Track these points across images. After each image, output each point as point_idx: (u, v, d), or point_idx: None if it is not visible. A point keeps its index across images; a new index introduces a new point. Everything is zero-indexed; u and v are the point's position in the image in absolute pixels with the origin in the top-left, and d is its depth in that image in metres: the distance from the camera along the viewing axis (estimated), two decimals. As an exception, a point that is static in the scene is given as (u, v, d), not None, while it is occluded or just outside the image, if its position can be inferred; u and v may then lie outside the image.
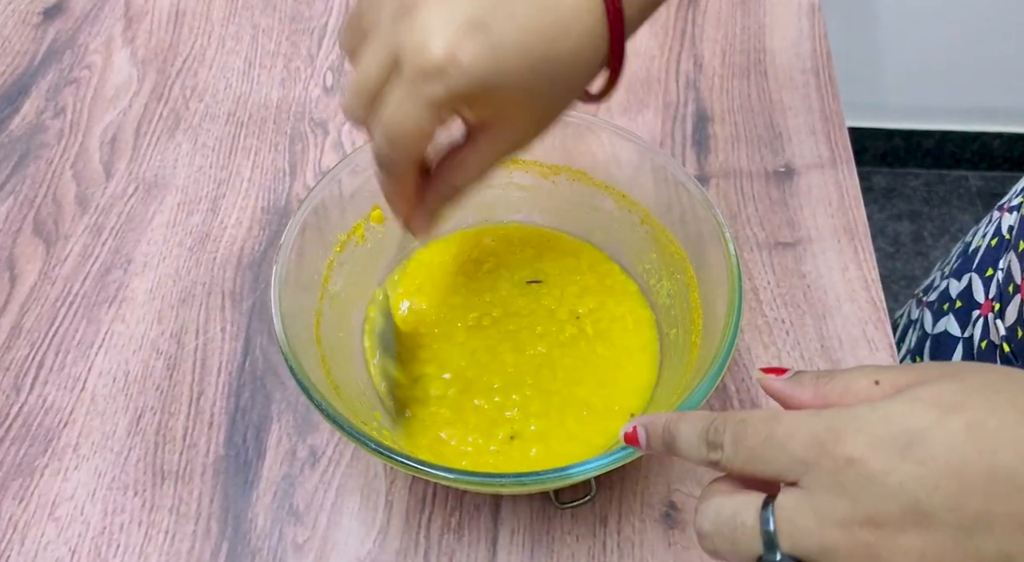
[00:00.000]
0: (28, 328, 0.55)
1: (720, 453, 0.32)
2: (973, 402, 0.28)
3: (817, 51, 0.71)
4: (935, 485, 0.27)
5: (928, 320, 0.63)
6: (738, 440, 0.31)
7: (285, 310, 0.44)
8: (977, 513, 0.27)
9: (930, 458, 0.27)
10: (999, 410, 0.28)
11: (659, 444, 0.35)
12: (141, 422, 0.51)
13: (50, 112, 0.68)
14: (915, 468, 0.27)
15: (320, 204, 0.49)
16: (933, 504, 0.27)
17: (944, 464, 0.27)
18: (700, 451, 0.33)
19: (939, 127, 1.70)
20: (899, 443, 0.28)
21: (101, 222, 0.61)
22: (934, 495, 0.27)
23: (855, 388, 0.32)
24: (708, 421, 0.33)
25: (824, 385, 0.33)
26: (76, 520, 0.48)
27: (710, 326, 0.44)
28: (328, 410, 0.40)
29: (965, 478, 0.27)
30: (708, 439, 0.32)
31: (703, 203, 0.48)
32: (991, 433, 0.27)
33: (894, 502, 0.27)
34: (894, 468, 0.27)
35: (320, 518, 0.47)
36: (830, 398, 0.32)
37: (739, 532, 0.30)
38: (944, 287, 0.62)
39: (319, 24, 0.74)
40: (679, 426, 0.34)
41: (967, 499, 0.27)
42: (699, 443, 0.33)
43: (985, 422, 0.27)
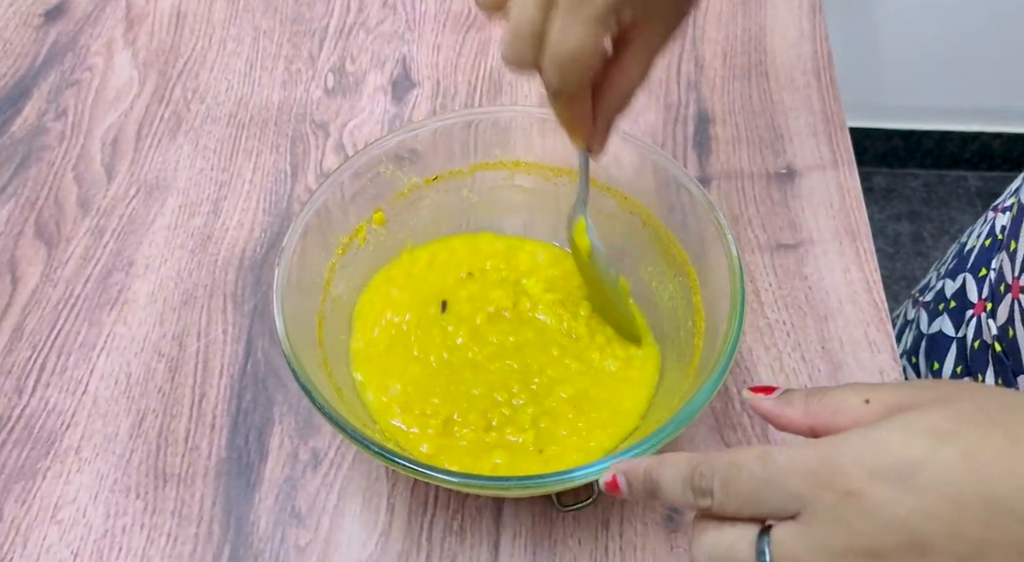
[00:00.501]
0: (30, 331, 0.55)
1: (710, 500, 0.31)
2: (966, 430, 0.28)
3: (818, 52, 0.71)
4: (934, 515, 0.27)
5: (924, 320, 0.63)
6: (729, 485, 0.31)
7: (288, 313, 0.44)
8: (975, 543, 0.27)
9: (927, 488, 0.27)
10: (992, 438, 0.28)
11: (641, 492, 0.35)
12: (143, 425, 0.51)
13: (51, 114, 0.68)
14: (914, 499, 0.27)
15: (322, 207, 0.49)
16: (932, 535, 0.27)
17: (941, 495, 0.27)
18: (686, 497, 0.32)
19: (939, 127, 1.70)
20: (896, 473, 0.28)
21: (103, 224, 0.61)
22: (933, 525, 0.27)
23: (845, 406, 0.31)
24: (691, 465, 0.32)
25: (814, 404, 0.32)
26: (78, 523, 0.47)
27: (712, 328, 0.44)
28: (331, 413, 0.40)
29: (963, 508, 0.27)
30: (694, 485, 0.32)
31: (705, 205, 0.48)
32: (986, 463, 0.27)
33: (894, 534, 0.27)
34: (893, 499, 0.28)
35: (322, 521, 0.47)
36: (820, 417, 0.32)
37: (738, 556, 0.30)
38: (939, 287, 0.62)
39: (320, 26, 0.74)
40: (661, 472, 0.34)
41: (965, 528, 0.27)
42: (684, 489, 0.32)
43: (980, 451, 0.28)
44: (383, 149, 0.52)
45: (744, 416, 0.51)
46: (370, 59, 0.71)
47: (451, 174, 0.55)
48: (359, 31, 0.74)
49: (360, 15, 0.75)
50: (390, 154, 0.53)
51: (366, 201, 0.52)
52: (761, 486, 0.30)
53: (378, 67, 0.71)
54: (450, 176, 0.55)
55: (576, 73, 0.38)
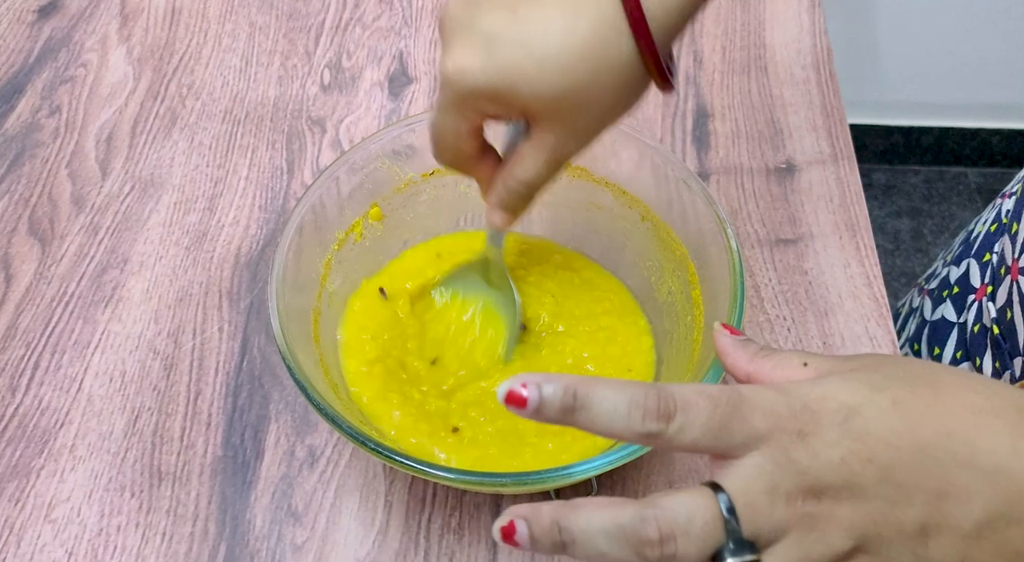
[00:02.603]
0: (24, 328, 0.55)
1: (666, 425, 0.29)
2: (895, 385, 0.30)
3: (817, 47, 0.71)
4: (869, 459, 0.29)
5: (928, 307, 0.63)
6: (694, 410, 0.29)
7: (283, 309, 0.43)
8: (902, 485, 0.29)
9: (865, 433, 0.29)
10: (918, 390, 0.30)
11: (556, 409, 0.29)
12: (138, 423, 0.51)
13: (45, 111, 0.67)
14: (852, 443, 0.29)
15: (318, 202, 0.49)
16: (866, 477, 0.29)
17: (877, 438, 0.29)
18: (631, 420, 0.29)
19: (938, 124, 1.70)
20: (838, 417, 0.29)
21: (97, 221, 0.60)
22: (868, 468, 0.29)
23: (785, 364, 0.34)
24: (641, 388, 0.29)
25: (761, 355, 0.35)
26: (73, 522, 0.47)
27: (712, 323, 0.44)
28: (327, 410, 0.40)
29: (895, 451, 0.29)
30: (648, 406, 0.29)
31: (704, 200, 0.47)
32: (914, 410, 0.30)
33: (836, 475, 0.29)
34: (834, 442, 0.29)
35: (319, 519, 0.47)
36: (761, 369, 0.34)
37: (700, 530, 0.28)
38: (944, 274, 0.62)
39: (316, 22, 0.74)
40: (595, 389, 0.29)
41: (895, 472, 0.29)
42: (631, 411, 0.29)
43: (908, 400, 0.30)
44: (379, 144, 0.52)
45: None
46: (367, 55, 0.71)
47: (448, 169, 0.54)
48: (355, 26, 0.73)
49: (356, 10, 0.74)
50: (386, 149, 0.52)
51: (362, 196, 0.52)
52: (730, 416, 0.29)
53: (375, 63, 0.70)
54: (447, 171, 0.54)
55: (442, 149, 0.43)
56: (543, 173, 0.42)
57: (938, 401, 0.30)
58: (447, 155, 0.44)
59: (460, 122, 0.41)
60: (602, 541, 0.28)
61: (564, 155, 0.42)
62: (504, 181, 0.43)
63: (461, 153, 0.43)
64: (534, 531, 0.29)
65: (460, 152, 0.43)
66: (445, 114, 0.41)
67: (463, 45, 0.39)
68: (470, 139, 0.42)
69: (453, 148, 0.43)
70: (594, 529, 0.28)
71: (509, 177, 0.43)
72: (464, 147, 0.43)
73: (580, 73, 0.38)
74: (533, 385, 0.29)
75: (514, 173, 0.43)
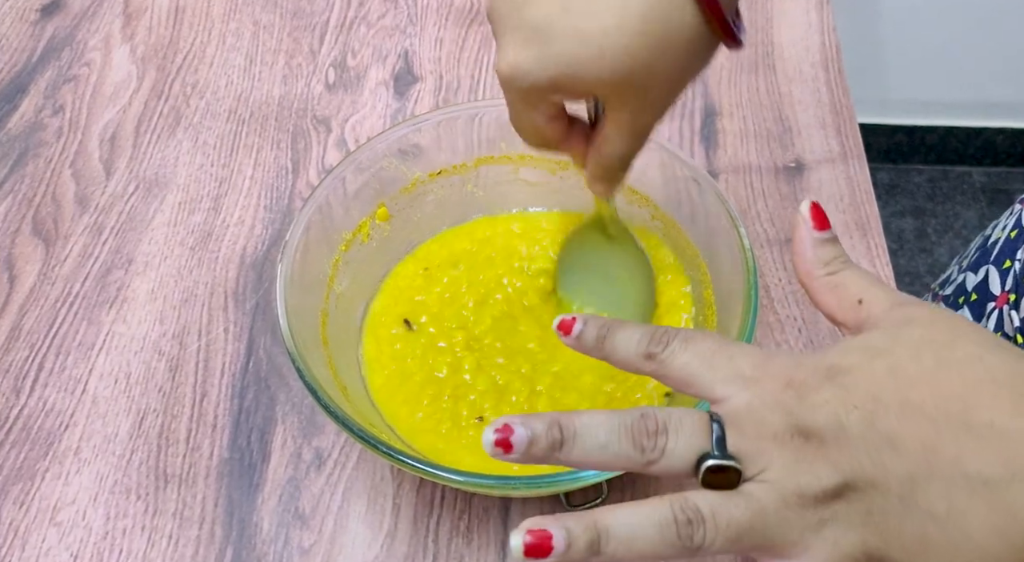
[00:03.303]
0: (28, 329, 0.54)
1: (664, 348, 0.33)
2: (898, 351, 0.31)
3: (826, 44, 0.70)
4: (854, 405, 0.30)
5: None
6: (689, 342, 0.33)
7: (291, 311, 0.43)
8: (887, 433, 0.29)
9: (852, 385, 0.30)
10: (921, 359, 0.30)
11: (592, 338, 0.35)
12: (143, 425, 0.50)
13: (49, 110, 0.67)
14: (839, 391, 0.30)
15: (324, 202, 0.48)
16: (850, 421, 0.29)
17: (863, 391, 0.30)
18: (640, 346, 0.33)
19: (943, 123, 1.69)
20: (829, 374, 0.31)
21: (101, 221, 0.60)
22: (852, 413, 0.30)
23: (843, 291, 0.34)
24: (653, 328, 0.34)
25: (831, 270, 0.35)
26: (78, 525, 0.47)
27: (725, 323, 0.43)
28: (338, 413, 0.39)
29: (880, 403, 0.29)
30: (653, 335, 0.33)
31: (716, 197, 0.47)
32: (909, 374, 0.30)
33: (820, 416, 0.30)
34: (822, 390, 0.30)
35: (326, 522, 0.47)
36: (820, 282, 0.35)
37: (688, 427, 0.30)
38: (961, 280, 0.61)
39: (321, 20, 0.73)
40: (621, 326, 0.35)
41: (879, 420, 0.29)
42: (641, 339, 0.33)
43: (906, 366, 0.30)
44: (386, 144, 0.51)
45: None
46: (372, 53, 0.71)
47: (455, 168, 0.54)
48: (360, 25, 0.73)
49: (361, 9, 0.74)
50: (393, 149, 0.52)
51: (369, 196, 0.51)
52: (719, 351, 0.32)
53: (380, 61, 0.70)
54: (454, 171, 0.54)
55: (526, 138, 0.43)
56: (630, 147, 0.42)
57: (939, 370, 0.30)
58: (536, 144, 0.43)
59: (534, 116, 0.40)
60: (602, 432, 0.30)
61: (645, 127, 0.41)
62: (596, 159, 0.43)
63: (548, 140, 0.43)
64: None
65: (547, 139, 0.43)
66: (517, 112, 0.41)
67: (514, 42, 0.38)
68: (551, 125, 0.41)
69: (538, 138, 0.42)
70: (595, 422, 0.30)
71: (599, 155, 0.43)
72: (548, 134, 0.42)
73: (642, 51, 0.37)
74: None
75: (602, 151, 0.42)
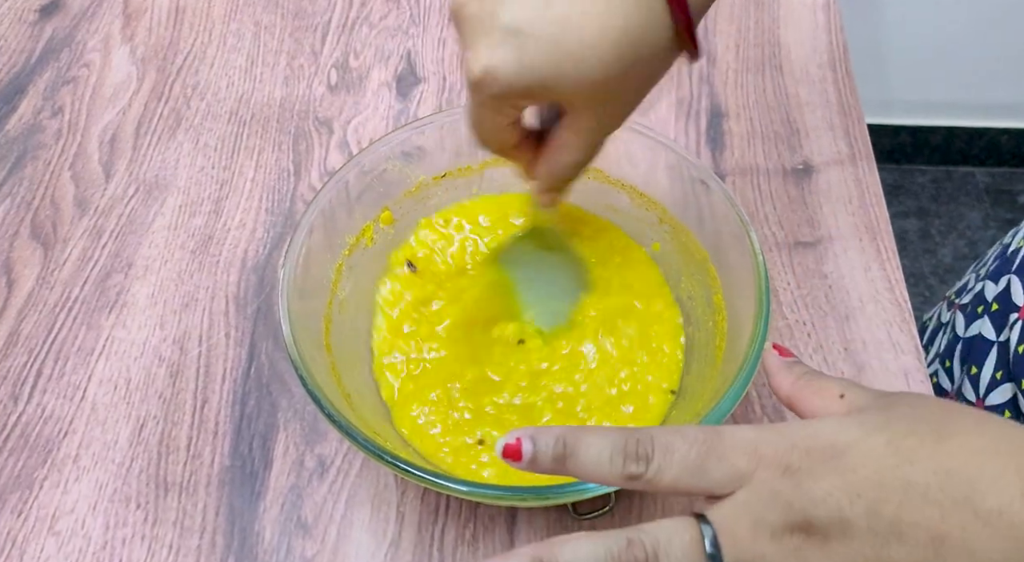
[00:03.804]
0: (26, 335, 0.54)
1: (645, 466, 0.30)
2: (895, 425, 0.30)
3: (833, 44, 0.69)
4: (857, 494, 0.28)
5: (960, 323, 0.61)
6: (671, 451, 0.30)
7: (294, 317, 0.42)
8: (892, 522, 0.28)
9: (852, 469, 0.29)
10: (918, 432, 0.29)
11: (549, 459, 0.31)
12: (143, 432, 0.49)
13: (48, 112, 0.66)
14: (839, 478, 0.29)
15: (327, 206, 0.48)
16: (854, 512, 0.28)
17: (864, 476, 0.29)
18: (614, 465, 0.31)
19: (946, 123, 1.69)
20: (827, 455, 0.29)
21: (101, 225, 0.59)
22: (856, 503, 0.28)
23: (824, 393, 0.34)
24: (624, 433, 0.31)
25: (804, 380, 0.35)
26: (77, 534, 0.46)
27: (735, 329, 0.43)
28: (342, 422, 0.39)
29: (883, 488, 0.28)
30: (628, 449, 0.31)
31: (725, 200, 0.46)
32: (908, 450, 0.29)
33: (821, 509, 0.28)
34: (823, 477, 0.29)
35: (329, 531, 0.46)
36: (801, 393, 0.35)
37: (680, 553, 0.29)
38: (979, 289, 0.60)
39: (323, 20, 0.72)
40: (582, 437, 0.31)
41: (884, 507, 0.28)
42: (613, 455, 0.31)
43: (904, 441, 0.29)
44: (389, 146, 0.51)
45: (764, 421, 0.49)
46: (374, 54, 0.70)
47: (459, 171, 0.53)
48: (362, 26, 0.72)
49: (363, 9, 0.73)
50: (396, 151, 0.51)
51: (373, 200, 0.50)
52: (707, 455, 0.30)
53: (382, 62, 0.69)
54: (459, 173, 0.53)
55: (485, 141, 0.42)
56: (586, 155, 0.42)
57: (940, 443, 0.29)
58: (492, 149, 0.43)
59: (497, 119, 0.40)
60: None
61: (604, 136, 0.41)
62: (548, 167, 0.43)
63: (504, 144, 0.42)
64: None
65: (503, 144, 0.42)
66: (479, 115, 0.40)
67: (488, 44, 0.36)
68: (510, 130, 0.41)
69: (496, 143, 0.42)
70: (582, 557, 0.29)
71: (553, 163, 0.42)
72: (505, 139, 0.42)
73: (618, 62, 0.36)
74: (527, 438, 0.31)
75: (558, 159, 0.42)
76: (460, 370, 0.47)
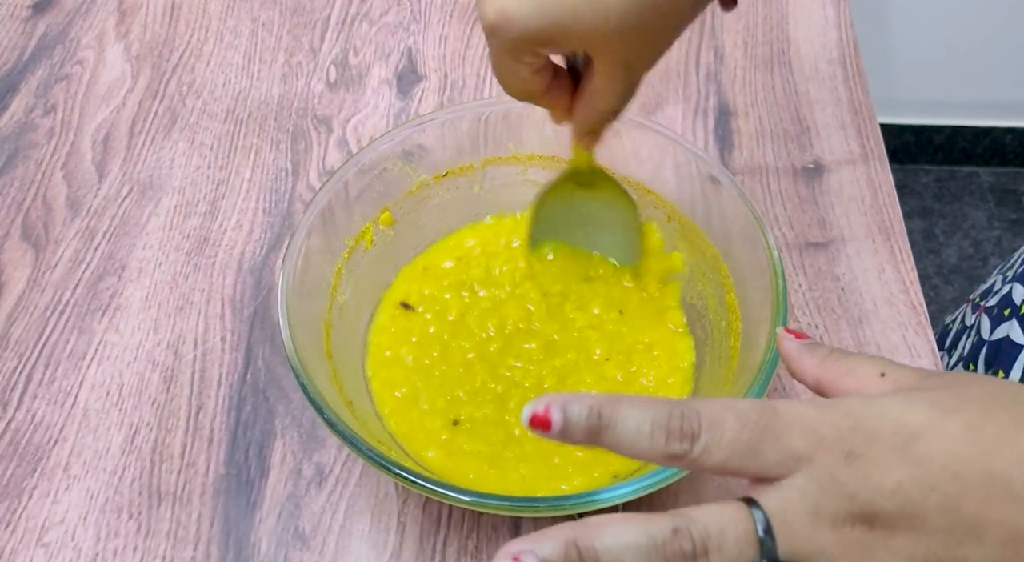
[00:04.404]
0: (16, 339, 0.52)
1: (690, 444, 0.27)
2: (969, 408, 0.27)
3: (843, 41, 0.68)
4: (932, 487, 0.26)
5: (985, 326, 0.59)
6: (720, 428, 0.27)
7: (294, 323, 0.40)
8: (970, 519, 0.26)
9: (927, 458, 0.26)
10: (996, 417, 0.27)
11: (583, 431, 0.28)
12: (136, 439, 0.48)
13: (40, 110, 0.64)
14: (913, 469, 0.26)
15: (326, 207, 0.46)
16: (928, 507, 0.26)
17: (941, 466, 0.26)
18: (653, 441, 0.27)
19: (950, 122, 1.68)
20: (897, 439, 0.27)
21: (93, 226, 0.58)
22: (930, 497, 0.26)
23: (859, 373, 0.31)
24: (667, 405, 0.28)
25: (832, 360, 0.32)
26: (67, 546, 0.44)
27: (750, 330, 0.41)
28: (347, 433, 0.37)
29: (962, 481, 0.26)
30: (671, 425, 0.27)
31: (737, 196, 0.45)
32: (988, 437, 0.27)
33: (890, 502, 0.26)
34: (893, 466, 0.26)
35: (328, 541, 0.44)
36: (830, 374, 0.31)
37: (733, 545, 0.26)
38: (1007, 292, 0.59)
39: (322, 17, 0.71)
40: (618, 409, 0.28)
41: (962, 503, 0.26)
42: (654, 430, 0.27)
43: (983, 427, 0.27)
44: (389, 145, 0.49)
45: (777, 426, 0.48)
46: (374, 51, 0.68)
47: (461, 170, 0.52)
48: (362, 22, 0.71)
49: (363, 5, 0.72)
50: (396, 150, 0.50)
51: (372, 200, 0.49)
52: (761, 435, 0.27)
53: (382, 59, 0.68)
54: (460, 172, 0.52)
55: (510, 90, 0.40)
56: (622, 99, 0.40)
57: (1019, 431, 0.27)
58: (519, 97, 0.41)
59: (519, 68, 0.38)
60: (630, 558, 0.26)
61: (638, 78, 0.40)
62: (586, 113, 0.41)
63: (532, 92, 0.40)
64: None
65: (530, 92, 0.40)
66: (501, 63, 0.38)
67: None
68: (536, 77, 0.39)
69: (522, 91, 0.40)
70: (621, 545, 0.26)
71: (590, 109, 0.41)
72: (531, 86, 0.40)
73: (644, 13, 0.35)
74: (557, 407, 0.28)
75: (593, 106, 0.40)
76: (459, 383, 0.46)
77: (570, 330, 0.47)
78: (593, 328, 0.47)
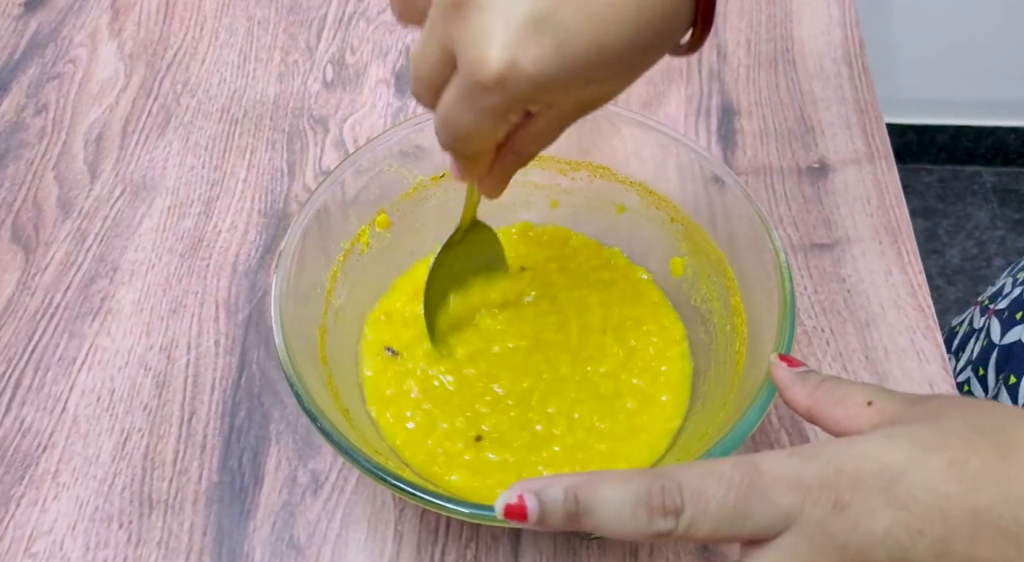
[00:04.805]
0: (5, 343, 0.51)
1: (675, 521, 0.27)
2: (952, 442, 0.27)
3: (849, 39, 0.67)
4: (919, 531, 0.26)
5: (996, 329, 0.58)
6: (704, 499, 0.27)
7: (288, 328, 0.39)
8: (961, 559, 0.26)
9: (912, 500, 0.26)
10: (979, 450, 0.26)
11: (561, 517, 0.27)
12: (127, 446, 0.47)
13: (31, 109, 0.63)
14: (899, 513, 0.26)
15: (322, 208, 0.45)
16: (918, 551, 0.26)
17: (927, 506, 0.26)
18: (636, 521, 0.27)
19: (953, 122, 1.67)
20: (881, 482, 0.26)
21: (85, 227, 0.56)
22: (919, 541, 0.26)
23: (848, 402, 0.31)
24: (646, 481, 0.27)
25: (823, 389, 0.32)
26: (55, 556, 0.43)
27: (757, 334, 0.40)
28: (342, 443, 0.36)
29: (949, 521, 0.26)
30: (652, 503, 0.27)
31: (742, 196, 0.44)
32: (972, 472, 0.26)
33: (880, 549, 0.26)
34: (879, 511, 0.26)
35: (323, 551, 0.43)
36: (821, 403, 0.32)
37: None
38: (1017, 294, 0.58)
39: (318, 15, 0.70)
40: (596, 491, 0.27)
41: (951, 544, 0.26)
42: (635, 510, 0.27)
43: (967, 461, 0.26)
44: (386, 145, 0.48)
45: (782, 433, 0.47)
46: (371, 50, 0.67)
47: None
48: (359, 20, 0.69)
49: (360, 3, 0.71)
50: (394, 150, 0.48)
51: (369, 201, 0.48)
52: (747, 499, 0.27)
53: (380, 58, 0.67)
54: None
55: (467, 148, 0.34)
56: (554, 139, 0.37)
57: (1005, 463, 0.26)
58: (471, 153, 0.35)
59: (499, 126, 0.33)
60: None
61: (573, 120, 0.36)
62: (513, 158, 0.37)
63: (488, 150, 0.36)
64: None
65: (487, 151, 0.36)
66: (479, 120, 0.32)
67: (517, 31, 0.29)
68: (501, 133, 0.34)
69: (482, 147, 0.35)
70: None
71: (523, 155, 0.37)
72: (491, 144, 0.35)
73: (640, 60, 0.33)
74: (531, 494, 0.27)
75: (526, 151, 0.37)
76: None
77: None
78: None
